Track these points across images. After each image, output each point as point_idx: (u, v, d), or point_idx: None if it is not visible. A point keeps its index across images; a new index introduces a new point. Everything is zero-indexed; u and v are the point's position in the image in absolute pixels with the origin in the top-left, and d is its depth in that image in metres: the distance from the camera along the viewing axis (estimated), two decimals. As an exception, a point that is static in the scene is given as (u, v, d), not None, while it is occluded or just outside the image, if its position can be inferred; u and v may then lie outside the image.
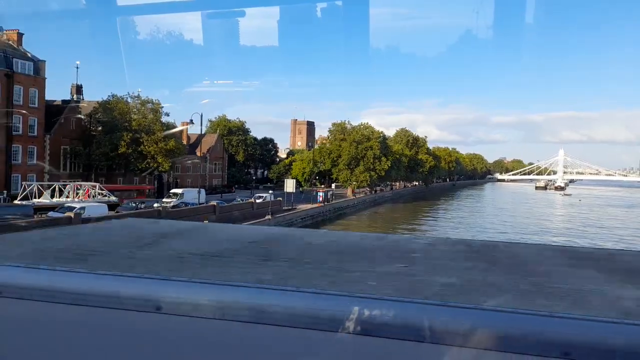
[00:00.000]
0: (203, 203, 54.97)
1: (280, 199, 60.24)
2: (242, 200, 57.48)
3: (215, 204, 45.61)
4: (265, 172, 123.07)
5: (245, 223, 43.52)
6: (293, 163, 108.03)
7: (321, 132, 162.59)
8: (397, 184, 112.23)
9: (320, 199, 67.36)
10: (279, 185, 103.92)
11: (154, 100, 53.23)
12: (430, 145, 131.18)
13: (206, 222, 24.51)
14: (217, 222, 41.58)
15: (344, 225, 60.87)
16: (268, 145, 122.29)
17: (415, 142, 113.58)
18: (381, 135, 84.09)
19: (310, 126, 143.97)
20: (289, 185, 62.66)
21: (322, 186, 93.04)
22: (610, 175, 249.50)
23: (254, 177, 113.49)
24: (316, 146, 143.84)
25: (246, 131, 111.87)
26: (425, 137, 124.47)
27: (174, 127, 59.60)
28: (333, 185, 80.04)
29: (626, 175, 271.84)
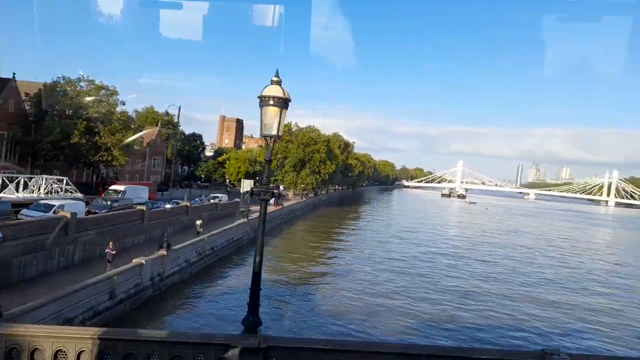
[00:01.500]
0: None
1: (238, 200, 58.08)
2: (202, 201, 54.32)
3: (188, 204, 42.38)
4: (190, 170, 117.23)
5: (228, 225, 41.19)
6: (227, 162, 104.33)
7: (245, 131, 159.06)
8: (329, 187, 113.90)
9: (272, 201, 66.00)
10: (214, 184, 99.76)
11: (109, 87, 47.80)
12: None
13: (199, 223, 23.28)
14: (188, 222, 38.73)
15: (308, 225, 60.72)
16: (195, 142, 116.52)
17: (346, 147, 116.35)
18: (328, 139, 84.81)
19: (240, 124, 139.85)
20: (246, 186, 60.53)
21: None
22: (497, 185, 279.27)
23: (204, 177, 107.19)
24: (244, 146, 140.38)
25: (175, 125, 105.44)
26: (353, 142, 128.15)
27: (131, 118, 53.76)
28: (281, 187, 78.65)
29: (507, 186, 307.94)
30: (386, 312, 26.33)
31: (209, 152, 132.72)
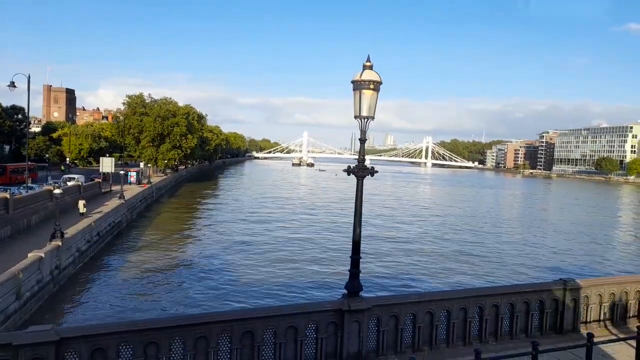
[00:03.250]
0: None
1: (99, 180, 52.84)
2: (57, 183, 47.79)
3: (52, 188, 37.15)
4: (12, 148, 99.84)
5: (108, 208, 37.61)
6: (64, 138, 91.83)
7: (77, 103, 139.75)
8: (187, 162, 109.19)
9: (132, 179, 61.54)
10: (54, 164, 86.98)
11: None
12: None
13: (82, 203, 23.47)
14: (61, 209, 34.49)
15: (183, 204, 58.17)
16: (17, 115, 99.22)
17: (200, 120, 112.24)
18: (187, 111, 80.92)
19: (71, 95, 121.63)
20: (106, 165, 55.27)
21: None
22: (337, 153, 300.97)
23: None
24: (78, 119, 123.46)
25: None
26: (206, 114, 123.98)
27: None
28: (141, 165, 72.86)
29: (343, 154, 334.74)
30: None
31: (35, 128, 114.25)
